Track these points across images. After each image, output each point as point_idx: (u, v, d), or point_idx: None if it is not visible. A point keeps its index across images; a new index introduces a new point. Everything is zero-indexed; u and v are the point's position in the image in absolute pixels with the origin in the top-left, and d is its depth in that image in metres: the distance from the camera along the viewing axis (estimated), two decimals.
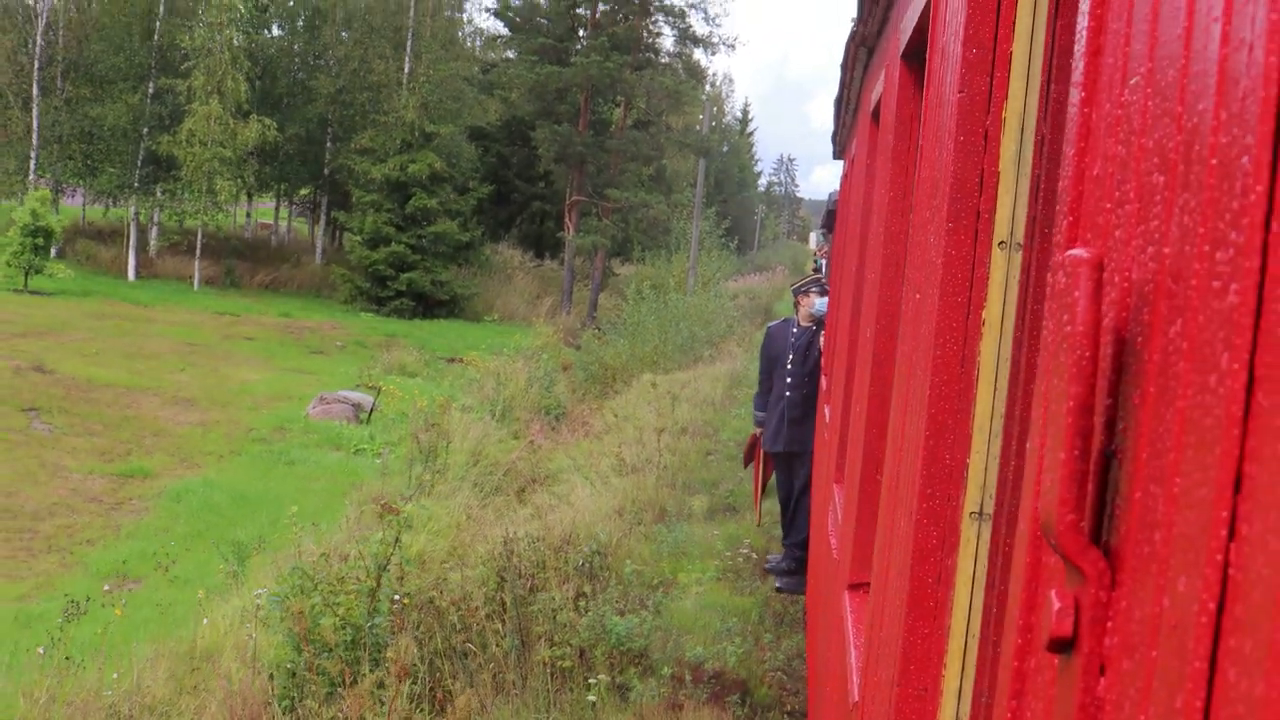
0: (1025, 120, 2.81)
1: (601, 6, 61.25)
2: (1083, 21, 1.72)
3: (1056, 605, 1.36)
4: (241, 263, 57.58)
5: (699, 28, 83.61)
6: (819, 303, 13.18)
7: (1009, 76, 2.88)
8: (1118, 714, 1.23)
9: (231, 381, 31.34)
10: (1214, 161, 1.10)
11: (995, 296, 2.85)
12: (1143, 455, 1.25)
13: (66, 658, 10.84)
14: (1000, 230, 2.87)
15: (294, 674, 9.93)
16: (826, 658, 6.71)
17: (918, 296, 3.59)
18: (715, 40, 65.01)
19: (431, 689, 10.00)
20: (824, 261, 18.04)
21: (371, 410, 28.37)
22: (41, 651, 10.95)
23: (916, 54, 4.63)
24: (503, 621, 10.95)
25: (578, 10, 62.34)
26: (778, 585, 12.95)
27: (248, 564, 14.76)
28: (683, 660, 10.79)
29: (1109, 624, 1.31)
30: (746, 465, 14.95)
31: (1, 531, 17.44)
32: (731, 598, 12.86)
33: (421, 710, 9.52)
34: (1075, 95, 1.72)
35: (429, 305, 54.48)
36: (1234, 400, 1.00)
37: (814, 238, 29.69)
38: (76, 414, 25.32)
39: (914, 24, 4.41)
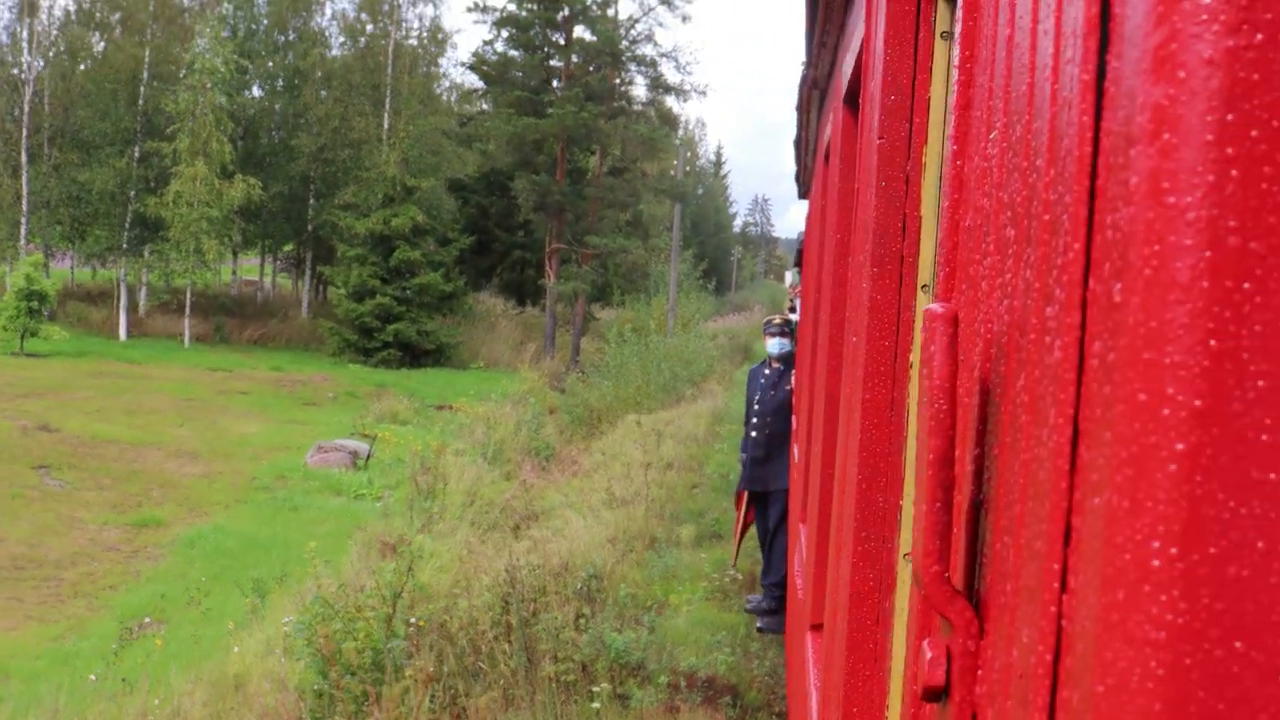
0: (944, 165, 2.46)
1: (574, 58, 61.77)
2: (953, 75, 1.80)
3: (929, 655, 1.42)
4: (230, 319, 58.12)
5: (671, 76, 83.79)
6: (770, 343, 13.13)
7: (928, 121, 2.86)
8: None
9: (230, 434, 31.88)
10: (1046, 217, 1.15)
11: (920, 340, 2.73)
12: (1000, 506, 1.30)
13: (122, 679, 11.77)
14: (924, 273, 2.85)
15: (320, 694, 10.59)
16: (796, 699, 6.76)
17: (854, 340, 3.58)
18: (687, 88, 65.61)
19: (447, 706, 10.83)
20: (798, 301, 17.51)
21: (368, 457, 29.00)
22: (94, 679, 11.87)
23: (855, 98, 4.65)
24: (509, 642, 11.56)
25: (551, 62, 62.89)
26: (759, 626, 12.74)
27: (267, 600, 15.50)
28: (677, 669, 11.47)
29: (979, 673, 1.36)
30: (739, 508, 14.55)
31: (29, 580, 18.14)
32: (720, 614, 13.48)
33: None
34: (948, 148, 1.79)
35: (416, 355, 55.01)
36: (1060, 454, 1.05)
37: (789, 276, 28.94)
38: (85, 469, 25.92)
39: (851, 69, 4.50)
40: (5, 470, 24.56)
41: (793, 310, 19.94)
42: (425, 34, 65.04)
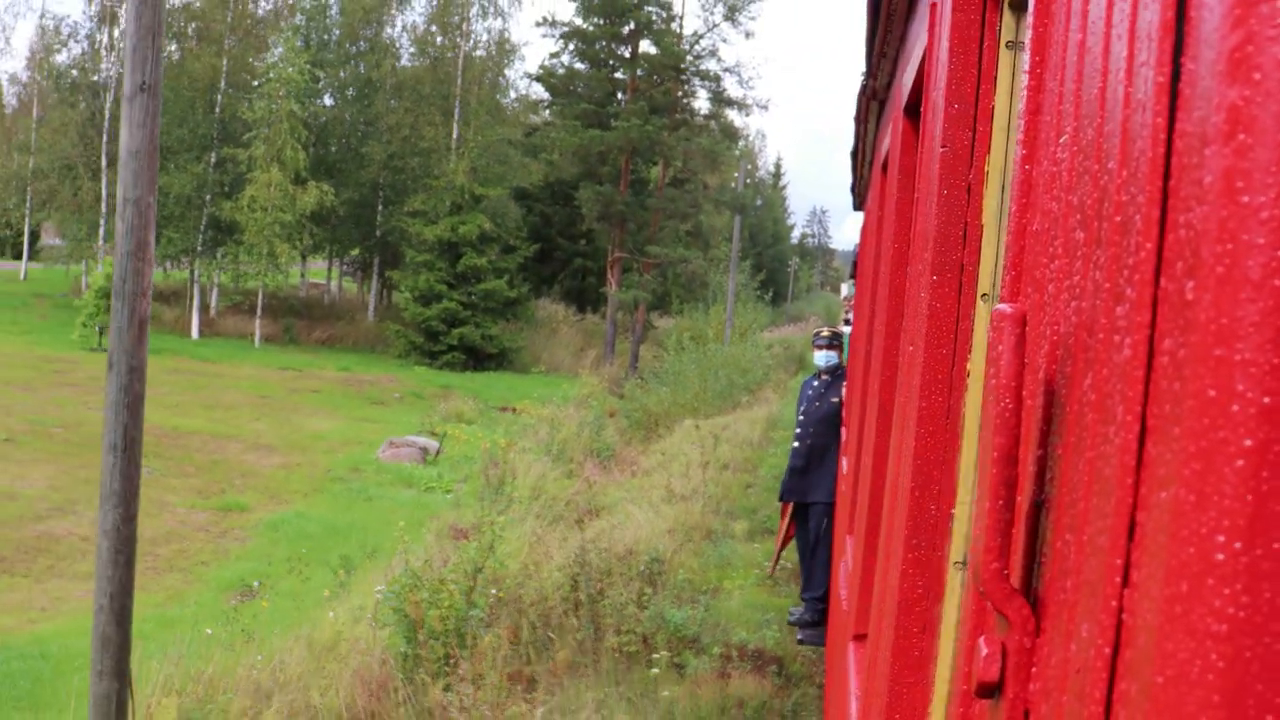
0: (1007, 174, 2.70)
1: (639, 72, 62.29)
2: (1022, 80, 1.78)
3: (984, 651, 1.41)
4: (299, 321, 58.93)
5: (733, 91, 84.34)
6: (818, 356, 13.03)
7: (991, 130, 2.83)
8: None
9: (304, 430, 32.50)
10: (1118, 219, 1.14)
11: (979, 348, 2.78)
12: (1063, 504, 1.29)
13: (242, 629, 12.48)
14: (983, 283, 2.80)
15: (406, 656, 11.21)
16: (835, 709, 6.74)
17: (910, 349, 3.56)
18: (749, 102, 66.08)
19: (521, 669, 11.31)
20: (853, 313, 17.04)
21: (438, 453, 29.60)
22: (209, 633, 12.49)
23: (916, 108, 4.65)
24: (577, 616, 12.38)
25: (616, 75, 63.47)
26: (799, 638, 12.53)
27: (353, 576, 16.06)
28: (729, 642, 12.23)
29: (1034, 669, 1.34)
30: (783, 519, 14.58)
31: None
32: (770, 598, 13.90)
33: (516, 686, 10.85)
34: (1017, 152, 1.77)
35: (479, 358, 55.63)
36: (1128, 450, 1.04)
37: (845, 288, 28.61)
38: (170, 458, 26.55)
39: (913, 79, 4.42)
40: (95, 460, 24.91)
41: (847, 323, 19.62)
42: (493, 46, 65.49)
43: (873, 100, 7.75)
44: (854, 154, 12.20)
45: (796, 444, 12.86)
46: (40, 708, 12.19)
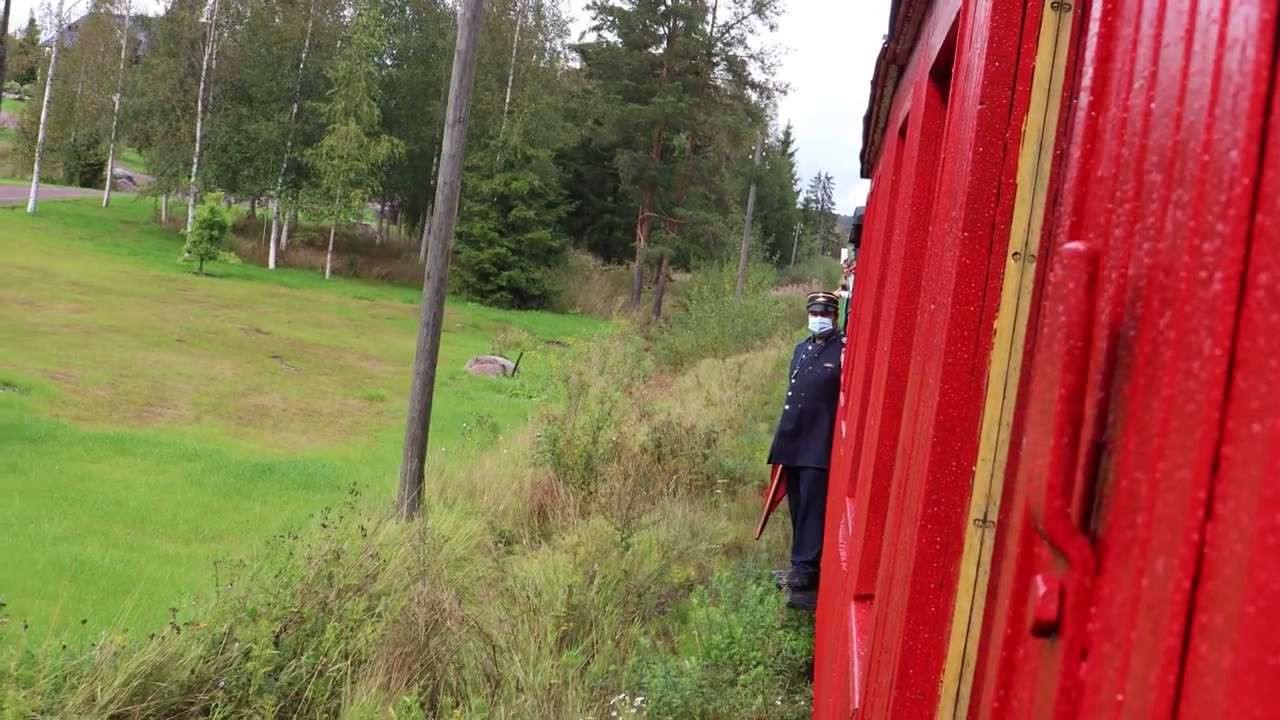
0: (1045, 133, 2.69)
1: (674, 49, 67.53)
2: (1094, 28, 1.74)
3: (1042, 589, 1.37)
4: (360, 257, 63.23)
5: (756, 75, 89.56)
6: (812, 322, 13.04)
7: (1030, 89, 2.75)
8: (1096, 697, 1.24)
9: (398, 347, 36.19)
10: (1206, 157, 1.10)
11: (1008, 307, 2.73)
12: (1130, 444, 1.24)
13: (478, 443, 17.77)
14: (1015, 241, 2.76)
15: (556, 479, 16.00)
16: (831, 668, 6.67)
17: (932, 307, 3.41)
18: (770, 86, 71.84)
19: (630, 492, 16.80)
20: (853, 279, 16.40)
21: (514, 369, 34.32)
22: (444, 451, 17.39)
23: (944, 71, 4.54)
24: (661, 465, 17.35)
25: (651, 50, 68.83)
26: (789, 601, 11.97)
27: (495, 438, 20.62)
28: (763, 480, 17.57)
29: (1092, 609, 1.31)
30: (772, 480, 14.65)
31: (321, 423, 23.52)
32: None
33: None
34: (1084, 100, 1.73)
35: (524, 298, 60.38)
36: (1215, 384, 1.00)
37: (845, 253, 29.22)
38: (308, 361, 30.80)
39: (942, 40, 4.24)
40: (253, 358, 29.79)
41: (846, 288, 19.84)
42: (545, 21, 70.08)
43: (892, 64, 7.50)
44: (868, 119, 11.55)
45: (788, 407, 12.84)
46: (336, 490, 17.01)
